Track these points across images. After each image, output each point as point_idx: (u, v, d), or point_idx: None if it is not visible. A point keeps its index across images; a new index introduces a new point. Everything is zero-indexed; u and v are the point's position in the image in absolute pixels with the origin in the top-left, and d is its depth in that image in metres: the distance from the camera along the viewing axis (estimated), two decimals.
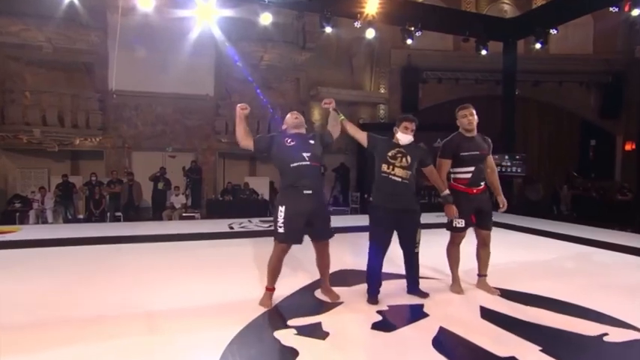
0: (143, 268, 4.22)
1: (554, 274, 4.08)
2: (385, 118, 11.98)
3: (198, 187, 10.17)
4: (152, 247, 5.27)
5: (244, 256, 4.70)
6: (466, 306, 3.02)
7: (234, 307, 2.98)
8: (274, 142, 2.95)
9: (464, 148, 3.16)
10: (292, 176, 2.85)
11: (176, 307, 2.99)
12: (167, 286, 3.49)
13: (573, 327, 2.62)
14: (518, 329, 2.56)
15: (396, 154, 3.00)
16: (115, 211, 8.75)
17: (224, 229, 6.35)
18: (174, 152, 10.69)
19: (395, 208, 2.98)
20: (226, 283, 3.60)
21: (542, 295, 3.27)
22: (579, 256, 4.94)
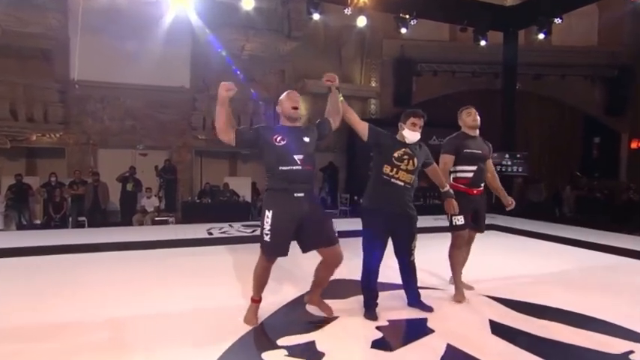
0: (110, 280, 4.01)
1: (565, 282, 4.04)
2: (376, 113, 11.94)
3: (172, 189, 9.93)
4: (121, 257, 5.05)
5: (225, 266, 4.55)
6: (474, 320, 2.94)
7: (216, 325, 2.83)
8: (260, 137, 2.69)
9: (467, 146, 3.32)
10: (280, 179, 2.65)
11: (148, 326, 2.82)
12: (137, 302, 3.32)
13: (592, 343, 2.56)
14: (535, 347, 2.48)
15: (403, 156, 2.89)
16: (78, 216, 8.44)
17: (202, 234, 6.17)
18: (146, 150, 10.42)
19: (392, 213, 2.88)
20: (205, 298, 3.44)
21: (556, 306, 3.21)
22: (589, 263, 4.94)
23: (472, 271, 3.73)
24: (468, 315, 3.05)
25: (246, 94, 10.63)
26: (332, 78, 2.86)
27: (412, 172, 2.91)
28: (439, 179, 3.13)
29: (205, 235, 6.12)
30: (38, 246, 5.18)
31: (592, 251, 5.55)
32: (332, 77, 2.86)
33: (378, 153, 2.97)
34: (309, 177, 2.71)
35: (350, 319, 2.92)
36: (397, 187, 2.88)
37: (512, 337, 2.64)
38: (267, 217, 2.65)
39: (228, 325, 2.78)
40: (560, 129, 12.68)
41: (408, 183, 2.91)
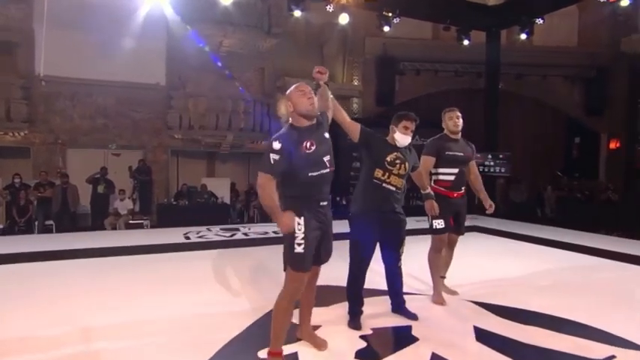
0: (81, 290, 3.90)
1: (547, 285, 4.15)
2: (359, 113, 11.98)
3: (147, 190, 9.74)
4: (92, 264, 4.91)
5: (204, 273, 4.49)
6: (459, 327, 2.98)
7: (194, 336, 2.79)
8: (292, 146, 2.25)
9: (449, 148, 3.40)
10: (309, 187, 2.32)
11: (123, 340, 2.75)
12: (111, 314, 3.23)
13: (577, 349, 2.62)
14: (519, 354, 2.54)
15: (395, 160, 2.90)
16: (45, 220, 8.17)
17: (179, 239, 6.06)
18: (119, 150, 10.19)
19: (383, 218, 2.90)
20: (182, 308, 3.38)
21: (538, 310, 3.29)
22: (572, 266, 5.07)
23: (455, 274, 3.79)
24: (452, 322, 3.08)
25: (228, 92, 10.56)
26: (323, 70, 2.60)
27: (403, 176, 2.94)
28: (422, 182, 3.20)
29: (182, 240, 6.02)
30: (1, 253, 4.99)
31: (572, 252, 5.72)
32: (323, 69, 2.60)
33: (368, 156, 2.95)
34: (331, 179, 2.45)
35: (334, 327, 2.91)
36: (388, 191, 2.89)
37: (497, 343, 2.68)
38: (299, 224, 2.28)
39: (208, 336, 2.75)
40: (542, 129, 13.00)
41: (399, 187, 2.94)
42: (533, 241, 6.51)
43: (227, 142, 10.52)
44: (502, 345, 2.66)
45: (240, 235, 6.23)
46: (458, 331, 2.89)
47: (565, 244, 6.07)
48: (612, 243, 6.20)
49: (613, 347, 2.65)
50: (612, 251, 5.49)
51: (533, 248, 6.14)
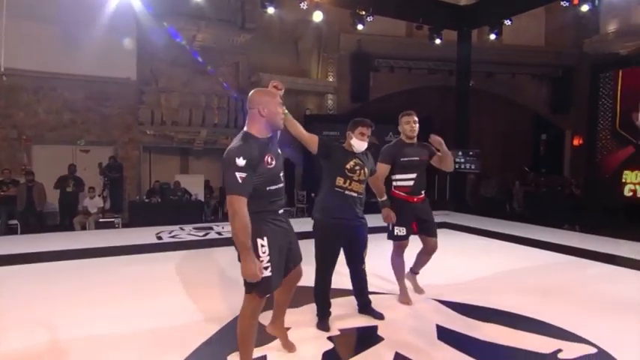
0: (47, 295, 3.86)
1: (509, 282, 4.36)
2: (333, 109, 12.08)
3: (118, 188, 9.59)
4: (59, 268, 4.84)
5: (176, 275, 4.50)
6: (422, 326, 3.12)
7: (165, 340, 2.83)
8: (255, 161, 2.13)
9: (404, 154, 3.44)
10: (270, 201, 2.28)
11: (93, 346, 2.77)
12: (80, 320, 3.23)
13: (527, 344, 2.80)
14: (475, 351, 2.69)
15: (355, 167, 2.98)
16: (8, 219, 7.92)
17: (151, 239, 6.04)
18: (88, 146, 9.95)
19: (347, 225, 2.99)
20: (154, 312, 3.41)
21: (501, 308, 3.47)
22: (535, 263, 5.32)
23: (423, 271, 3.91)
24: (416, 321, 3.23)
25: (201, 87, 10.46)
26: (279, 85, 2.54)
27: (363, 181, 3.03)
28: (378, 188, 3.27)
29: (154, 240, 5.99)
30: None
31: (536, 249, 6.00)
32: (279, 85, 2.55)
33: (329, 166, 3.02)
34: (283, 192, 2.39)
35: (302, 329, 3.00)
36: (351, 198, 2.97)
37: (456, 342, 2.83)
38: (263, 245, 2.19)
39: (178, 341, 2.79)
40: (511, 126, 13.43)
41: (360, 193, 3.03)
42: (501, 237, 6.79)
43: (201, 139, 10.44)
44: (460, 343, 2.82)
45: (213, 234, 6.25)
46: (421, 330, 3.04)
47: (529, 240, 6.38)
48: (573, 239, 6.52)
49: (560, 341, 2.84)
50: (572, 247, 5.81)
51: (500, 245, 6.40)
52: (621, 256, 5.38)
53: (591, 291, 4.07)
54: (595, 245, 5.81)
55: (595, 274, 4.80)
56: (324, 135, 11.68)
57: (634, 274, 4.74)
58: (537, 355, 2.67)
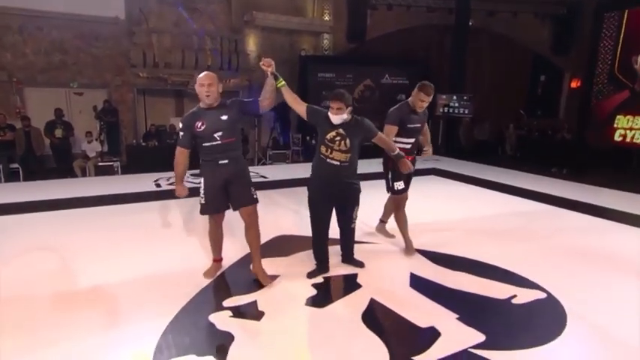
0: (53, 245, 4.20)
1: (488, 232, 4.72)
2: (329, 49, 11.83)
3: (114, 132, 9.70)
4: (62, 216, 5.15)
5: (175, 224, 4.84)
6: (397, 274, 3.50)
7: (167, 288, 3.19)
8: (190, 131, 3.08)
9: (411, 121, 3.64)
10: (206, 153, 3.11)
11: (99, 291, 3.13)
12: (86, 266, 3.59)
13: (488, 291, 3.18)
14: (441, 297, 3.07)
15: (335, 138, 3.09)
16: (9, 163, 8.14)
17: (150, 187, 6.31)
18: (81, 89, 9.90)
19: (331, 188, 3.21)
20: (156, 260, 3.76)
21: (471, 257, 3.84)
22: (516, 211, 5.67)
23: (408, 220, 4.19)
24: (393, 269, 3.60)
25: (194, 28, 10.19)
26: (267, 63, 3.05)
27: (346, 151, 3.11)
28: (387, 146, 3.34)
29: (153, 188, 6.27)
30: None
31: (519, 198, 6.32)
32: (267, 62, 3.06)
33: (317, 133, 3.22)
34: (230, 147, 3.11)
35: (290, 276, 3.38)
36: (333, 165, 3.14)
37: (425, 289, 3.21)
38: (201, 182, 3.19)
39: (179, 288, 3.14)
40: (510, 67, 13.23)
41: (344, 161, 3.13)
42: (486, 185, 7.07)
43: (194, 82, 10.35)
44: (429, 290, 3.20)
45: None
46: (396, 278, 3.41)
47: (514, 188, 6.63)
48: (557, 187, 6.76)
49: (516, 288, 3.23)
50: (554, 196, 6.07)
51: (484, 194, 6.71)
52: (599, 206, 5.65)
53: (559, 240, 4.43)
54: (576, 194, 6.07)
55: (569, 224, 5.13)
56: (319, 77, 11.59)
57: (607, 225, 5.06)
58: (494, 301, 3.06)
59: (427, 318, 2.78)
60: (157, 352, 2.37)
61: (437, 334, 2.61)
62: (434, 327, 2.68)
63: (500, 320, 2.81)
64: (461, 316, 2.82)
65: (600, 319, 2.83)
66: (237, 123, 3.16)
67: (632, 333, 2.67)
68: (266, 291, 3.15)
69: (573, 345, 2.55)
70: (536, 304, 3.02)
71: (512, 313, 2.91)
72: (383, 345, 2.49)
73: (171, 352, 2.38)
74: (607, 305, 3.04)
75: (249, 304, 2.95)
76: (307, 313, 2.87)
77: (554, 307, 2.98)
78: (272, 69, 3.07)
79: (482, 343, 2.51)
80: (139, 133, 10.41)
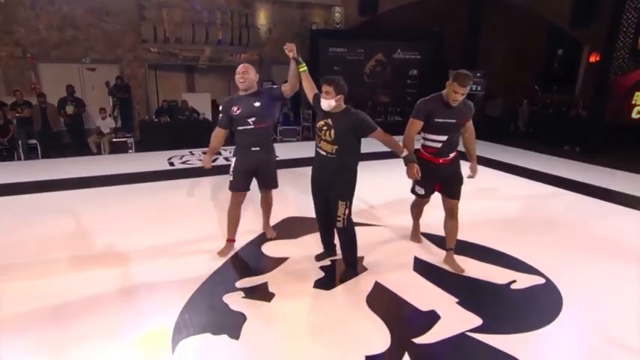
0: (70, 223, 4.42)
1: (493, 215, 4.81)
2: (341, 23, 11.65)
3: (127, 108, 9.86)
4: (82, 195, 5.35)
5: (189, 205, 5.02)
6: (402, 257, 3.65)
7: (183, 265, 3.40)
8: (226, 110, 3.42)
9: (439, 114, 3.16)
10: (241, 136, 3.43)
11: (117, 274, 3.35)
12: (107, 245, 3.80)
13: (488, 276, 3.32)
14: (442, 281, 3.23)
15: (322, 127, 3.01)
16: (27, 139, 8.39)
17: (164, 165, 6.49)
18: (94, 64, 10.01)
19: (319, 179, 3.21)
20: (171, 237, 3.96)
21: (475, 242, 3.97)
22: (522, 194, 5.74)
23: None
24: (397, 252, 3.75)
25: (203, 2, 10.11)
26: (289, 48, 3.20)
27: (331, 142, 2.98)
28: (392, 145, 3.07)
29: (166, 166, 6.45)
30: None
31: (530, 180, 6.35)
32: (290, 47, 3.20)
33: None
34: (261, 133, 3.43)
35: (299, 259, 3.56)
36: (322, 155, 3.09)
37: (428, 273, 3.36)
38: (232, 161, 3.54)
39: (194, 270, 3.34)
40: (525, 41, 12.89)
41: (331, 153, 3.01)
42: (497, 166, 7.08)
43: (205, 57, 10.37)
44: (432, 274, 3.35)
45: (221, 160, 6.69)
46: (400, 262, 3.56)
47: (525, 170, 6.66)
48: (570, 168, 6.74)
49: (516, 273, 3.37)
50: (565, 178, 6.11)
51: (495, 175, 6.73)
52: (610, 190, 5.69)
53: (566, 225, 4.52)
54: (588, 177, 6.06)
55: (578, 208, 5.20)
56: (330, 52, 11.48)
57: (616, 210, 5.08)
58: (494, 286, 3.20)
59: (428, 301, 2.95)
60: (176, 331, 2.58)
61: (437, 317, 2.78)
62: (434, 310, 2.85)
63: (497, 305, 2.96)
64: (461, 300, 2.97)
65: (596, 306, 2.96)
66: (270, 109, 3.48)
67: (627, 320, 2.80)
68: (276, 273, 3.33)
69: (564, 331, 2.69)
70: (533, 290, 3.15)
71: (509, 298, 3.06)
72: (385, 327, 2.66)
73: (189, 330, 2.59)
74: (604, 292, 3.16)
75: (260, 286, 3.14)
76: (315, 295, 3.05)
77: (551, 293, 3.11)
78: (294, 54, 3.19)
79: (478, 327, 2.67)
80: (151, 108, 10.55)
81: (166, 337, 2.52)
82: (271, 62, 11.58)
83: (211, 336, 2.55)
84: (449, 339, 2.56)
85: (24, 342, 2.48)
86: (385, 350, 2.45)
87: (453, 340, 2.55)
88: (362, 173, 3.23)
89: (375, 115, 11.12)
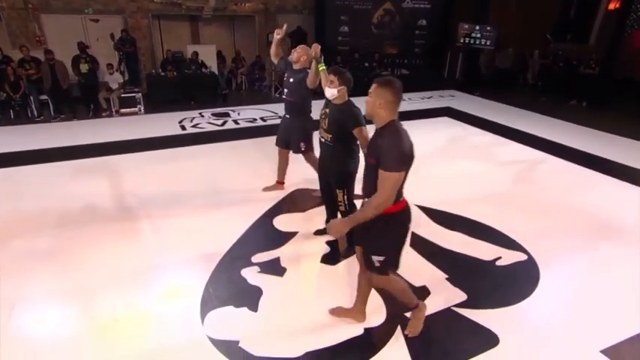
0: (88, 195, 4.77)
1: (489, 188, 5.15)
2: None
3: (133, 61, 9.91)
4: (86, 167, 5.53)
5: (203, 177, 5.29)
6: None
7: (201, 246, 3.79)
8: (283, 68, 4.27)
9: None
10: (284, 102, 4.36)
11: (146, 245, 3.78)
12: (128, 218, 4.21)
13: (477, 252, 3.73)
14: (435, 257, 3.64)
15: (322, 115, 3.30)
16: (39, 95, 8.56)
17: (174, 129, 6.74)
18: (96, 15, 9.90)
19: (321, 163, 3.53)
20: (189, 209, 4.35)
21: (467, 216, 4.34)
22: (520, 163, 6.00)
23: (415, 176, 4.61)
24: None
25: None
26: (315, 48, 3.60)
27: (326, 130, 3.27)
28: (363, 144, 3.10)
29: (178, 130, 6.71)
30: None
31: (532, 149, 6.52)
32: (315, 47, 3.60)
33: None
34: (289, 105, 4.29)
35: (307, 234, 3.96)
36: (321, 141, 3.41)
37: (423, 249, 3.77)
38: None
39: (212, 245, 3.74)
40: None
41: (328, 141, 3.30)
42: (500, 131, 7.24)
43: (209, 7, 10.19)
44: (426, 249, 3.75)
45: (230, 123, 6.94)
46: None
47: (528, 135, 6.82)
48: (574, 133, 6.85)
49: (502, 249, 3.77)
50: (569, 147, 6.32)
51: (497, 142, 6.91)
52: (612, 161, 5.94)
53: (561, 200, 4.84)
54: (593, 145, 6.24)
55: (575, 180, 5.47)
56: (337, 1, 11.18)
57: (615, 184, 5.33)
58: (480, 262, 3.62)
59: (421, 277, 3.37)
60: (203, 304, 3.05)
61: (427, 292, 3.22)
62: (425, 286, 3.29)
63: (482, 281, 3.38)
64: (450, 276, 3.40)
65: (573, 283, 3.38)
66: (298, 89, 4.08)
67: (600, 297, 3.23)
68: (287, 248, 3.75)
69: (537, 307, 3.13)
70: (515, 267, 3.57)
71: (493, 275, 3.48)
72: (382, 301, 3.11)
73: (214, 303, 3.05)
74: (584, 270, 3.56)
75: (274, 261, 3.57)
76: (321, 270, 3.49)
77: (530, 270, 3.53)
78: (317, 54, 3.57)
79: (463, 302, 3.11)
80: (157, 60, 10.57)
81: (195, 310, 2.99)
82: (277, 11, 11.34)
83: (234, 309, 3.01)
84: (436, 313, 3.00)
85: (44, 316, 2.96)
86: (381, 323, 2.91)
87: (439, 314, 3.00)
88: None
89: (382, 69, 11.07)
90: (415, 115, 8.05)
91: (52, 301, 3.06)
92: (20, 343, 2.66)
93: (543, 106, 9.20)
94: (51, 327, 2.82)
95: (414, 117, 7.85)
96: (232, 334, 2.76)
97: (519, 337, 2.80)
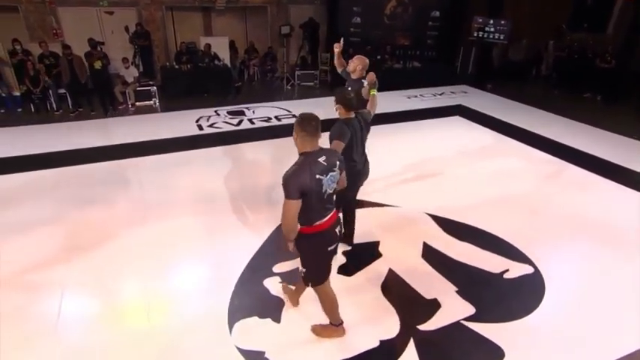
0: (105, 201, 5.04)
1: (499, 195, 5.28)
2: None
3: (148, 54, 10.04)
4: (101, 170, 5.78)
5: (220, 175, 5.51)
6: (412, 243, 4.23)
7: (225, 257, 4.03)
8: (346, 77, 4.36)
9: None
10: None
11: (171, 255, 4.04)
12: (148, 228, 4.47)
13: (485, 264, 3.93)
14: (445, 269, 3.84)
15: None
16: (57, 89, 8.79)
17: (192, 128, 6.93)
18: (111, 7, 10.00)
19: None
20: (210, 228, 4.58)
21: (477, 226, 4.53)
22: (532, 169, 6.10)
23: (425, 181, 4.77)
24: (408, 237, 4.33)
25: None
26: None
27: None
28: None
29: (195, 131, 6.89)
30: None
31: (543, 153, 6.59)
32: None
33: None
34: None
35: None
36: None
37: (434, 260, 3.97)
38: None
39: (235, 256, 3.97)
40: None
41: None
42: (511, 133, 7.28)
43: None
44: (437, 261, 3.95)
45: (246, 123, 7.12)
46: (411, 248, 4.16)
47: (539, 137, 6.87)
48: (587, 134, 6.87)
49: (509, 261, 3.96)
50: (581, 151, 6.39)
51: (508, 144, 6.98)
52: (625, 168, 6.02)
53: (570, 209, 4.96)
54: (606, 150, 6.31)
55: (587, 187, 5.57)
56: None
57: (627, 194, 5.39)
58: (489, 275, 3.82)
59: (432, 290, 3.59)
60: (230, 315, 3.31)
61: (438, 305, 3.44)
62: (436, 299, 3.51)
63: (490, 294, 3.59)
64: (460, 289, 3.61)
65: (578, 297, 3.57)
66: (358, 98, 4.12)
67: (605, 311, 3.43)
68: None
69: (541, 323, 3.33)
70: (521, 280, 3.77)
71: (500, 288, 3.68)
72: (395, 313, 3.34)
73: (241, 314, 3.31)
74: (590, 284, 3.73)
75: (293, 271, 3.79)
76: (339, 281, 3.70)
77: (536, 283, 3.73)
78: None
79: (471, 316, 3.33)
80: (170, 52, 10.68)
81: (223, 321, 3.24)
82: (289, 2, 11.33)
83: (258, 319, 3.26)
84: (446, 327, 3.23)
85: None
86: (395, 335, 3.15)
87: (449, 327, 3.23)
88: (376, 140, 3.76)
89: (394, 61, 11.08)
90: (426, 114, 8.12)
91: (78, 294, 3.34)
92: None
93: (556, 101, 9.19)
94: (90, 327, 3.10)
95: (426, 116, 7.93)
96: (258, 344, 3.02)
97: (524, 351, 3.02)
